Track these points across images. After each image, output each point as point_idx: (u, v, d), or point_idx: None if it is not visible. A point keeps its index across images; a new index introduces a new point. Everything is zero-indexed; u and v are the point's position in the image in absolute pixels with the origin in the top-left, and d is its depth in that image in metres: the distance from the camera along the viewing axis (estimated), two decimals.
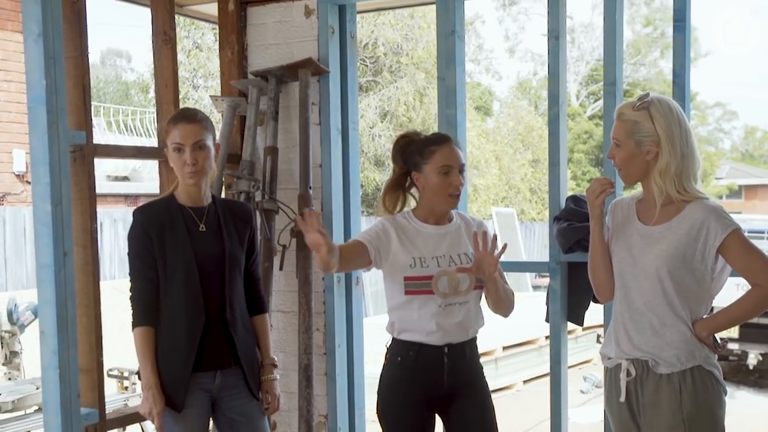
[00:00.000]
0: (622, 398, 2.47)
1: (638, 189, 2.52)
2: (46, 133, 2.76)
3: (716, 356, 2.44)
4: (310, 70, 3.58)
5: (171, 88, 3.38)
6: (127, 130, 13.60)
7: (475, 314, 2.74)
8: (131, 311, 2.69)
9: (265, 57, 3.76)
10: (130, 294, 2.70)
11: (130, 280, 2.71)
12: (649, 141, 2.37)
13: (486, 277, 2.64)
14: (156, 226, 2.66)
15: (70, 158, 2.90)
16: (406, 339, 2.70)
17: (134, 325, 2.68)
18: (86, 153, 3.03)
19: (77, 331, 2.89)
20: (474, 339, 2.77)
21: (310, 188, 3.57)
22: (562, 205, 3.31)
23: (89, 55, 3.05)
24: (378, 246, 2.68)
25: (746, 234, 2.43)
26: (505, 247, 2.64)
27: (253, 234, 2.84)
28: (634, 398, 2.46)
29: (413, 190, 2.81)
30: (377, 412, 2.79)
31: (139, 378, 2.74)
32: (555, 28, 3.26)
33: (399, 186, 2.78)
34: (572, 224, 3.19)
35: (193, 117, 2.68)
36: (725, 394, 2.45)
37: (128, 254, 2.71)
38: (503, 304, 2.75)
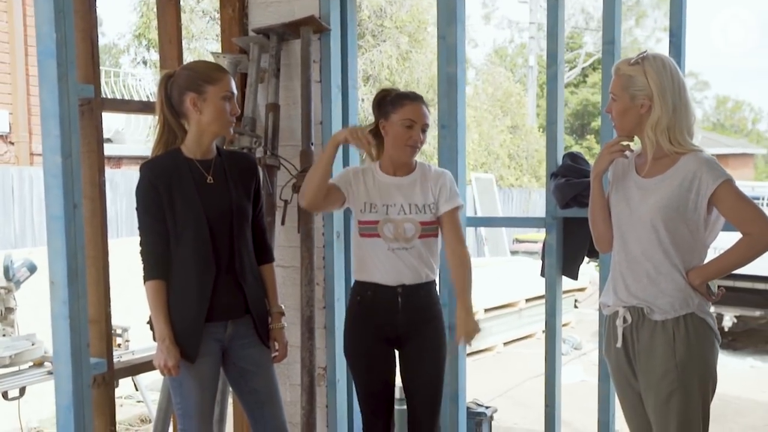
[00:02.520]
0: (619, 344, 2.57)
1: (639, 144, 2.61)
2: (56, 86, 2.75)
3: (710, 305, 2.53)
4: (312, 28, 3.61)
5: (175, 44, 3.40)
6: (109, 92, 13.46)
7: (426, 259, 2.95)
8: (142, 265, 2.71)
9: (266, 15, 3.77)
10: (140, 248, 2.71)
11: (140, 235, 2.72)
12: (642, 95, 2.45)
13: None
14: (164, 180, 2.67)
15: (79, 112, 2.91)
16: (363, 280, 2.96)
17: (145, 278, 2.70)
18: (94, 107, 3.05)
19: (86, 282, 2.93)
20: (430, 283, 2.98)
21: (311, 144, 3.61)
22: (560, 162, 3.39)
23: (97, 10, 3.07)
24: (347, 183, 2.96)
25: None
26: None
27: (259, 184, 2.87)
28: (630, 344, 2.55)
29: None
30: (344, 350, 3.06)
31: (152, 330, 2.77)
32: None
33: (376, 135, 2.97)
34: (570, 180, 3.27)
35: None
36: (718, 342, 2.54)
37: (136, 209, 2.72)
38: None
